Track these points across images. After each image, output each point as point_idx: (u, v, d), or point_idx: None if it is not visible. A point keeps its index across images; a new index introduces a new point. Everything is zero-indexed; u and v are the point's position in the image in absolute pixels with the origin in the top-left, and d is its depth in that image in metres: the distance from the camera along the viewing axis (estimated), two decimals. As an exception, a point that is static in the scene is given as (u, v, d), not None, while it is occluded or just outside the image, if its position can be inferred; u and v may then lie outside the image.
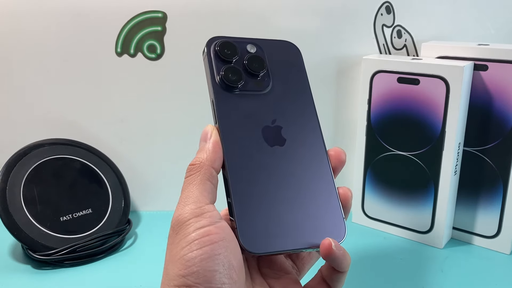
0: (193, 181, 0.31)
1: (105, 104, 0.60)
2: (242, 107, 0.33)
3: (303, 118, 0.35)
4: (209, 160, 0.31)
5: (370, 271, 0.50)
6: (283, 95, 0.35)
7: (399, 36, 0.58)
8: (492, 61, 0.50)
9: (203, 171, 0.31)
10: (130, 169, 0.62)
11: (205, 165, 0.31)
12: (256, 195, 0.31)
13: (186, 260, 0.27)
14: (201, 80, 0.59)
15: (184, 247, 0.28)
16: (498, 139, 0.51)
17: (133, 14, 0.57)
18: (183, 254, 0.28)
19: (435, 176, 0.53)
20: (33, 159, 0.54)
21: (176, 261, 0.28)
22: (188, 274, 0.27)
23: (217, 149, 0.31)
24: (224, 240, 0.28)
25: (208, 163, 0.31)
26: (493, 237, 0.54)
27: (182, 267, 0.27)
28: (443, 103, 0.50)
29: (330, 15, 0.57)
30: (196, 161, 0.31)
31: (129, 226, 0.57)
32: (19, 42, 0.58)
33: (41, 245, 0.51)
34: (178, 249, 0.28)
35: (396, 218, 0.57)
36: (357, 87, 0.59)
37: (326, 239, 0.30)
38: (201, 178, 0.30)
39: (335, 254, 0.30)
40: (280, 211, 0.31)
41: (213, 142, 0.31)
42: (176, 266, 0.28)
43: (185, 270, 0.27)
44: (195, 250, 0.27)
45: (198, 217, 0.29)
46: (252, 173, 0.32)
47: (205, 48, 0.34)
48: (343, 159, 0.35)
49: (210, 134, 0.32)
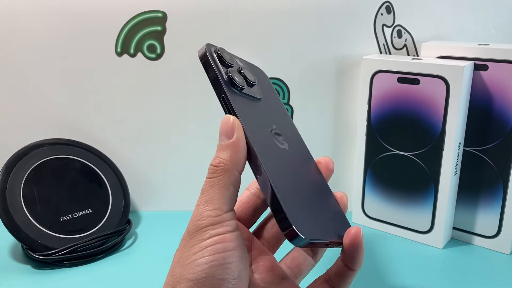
0: (215, 184, 0.29)
1: (105, 104, 0.60)
2: (249, 107, 0.33)
3: (290, 128, 0.37)
4: (234, 162, 0.29)
5: (370, 271, 0.50)
6: (272, 107, 0.36)
7: (399, 36, 0.58)
8: (492, 61, 0.50)
9: (227, 175, 0.29)
10: (130, 169, 0.62)
11: (230, 168, 0.29)
12: (292, 188, 0.31)
13: (196, 265, 0.27)
14: (201, 80, 0.59)
15: (196, 252, 0.28)
16: (498, 139, 0.51)
17: (133, 14, 0.57)
18: (194, 259, 0.27)
19: (435, 176, 0.53)
20: (33, 159, 0.54)
21: (186, 265, 0.28)
22: (195, 279, 0.27)
23: (242, 148, 0.29)
24: (237, 249, 0.28)
25: (233, 165, 0.29)
26: (493, 237, 0.54)
27: (191, 271, 0.27)
28: (443, 103, 0.50)
29: (330, 15, 0.57)
30: (221, 162, 0.29)
31: (129, 226, 0.57)
32: (19, 42, 0.58)
33: (41, 245, 0.51)
34: (190, 253, 0.28)
35: (396, 218, 0.57)
36: (357, 87, 0.59)
37: (355, 227, 0.30)
38: (225, 182, 0.29)
39: (361, 243, 0.30)
40: (314, 204, 0.32)
41: (238, 139, 0.29)
42: (185, 269, 0.27)
43: (193, 274, 0.27)
44: (207, 256, 0.27)
45: (215, 225, 0.28)
46: (281, 167, 0.31)
47: (205, 50, 0.34)
48: (332, 168, 0.36)
49: (233, 128, 0.29)
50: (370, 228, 0.60)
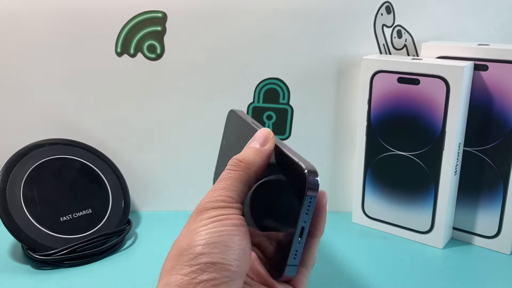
0: (235, 176, 0.31)
1: (105, 104, 0.60)
2: None
3: None
4: (257, 165, 0.32)
5: (370, 271, 0.50)
6: None
7: (399, 36, 0.58)
8: (492, 61, 0.50)
9: (247, 172, 0.32)
10: (130, 169, 0.62)
11: (251, 167, 0.32)
12: None
13: (206, 233, 0.29)
14: (201, 80, 0.59)
15: (206, 224, 0.29)
16: (498, 139, 0.51)
17: (133, 14, 0.57)
18: (204, 228, 0.29)
19: (435, 176, 0.53)
20: (33, 159, 0.54)
21: (195, 234, 0.29)
22: (205, 243, 0.28)
23: (267, 158, 0.32)
24: (244, 227, 0.30)
25: (255, 168, 0.32)
26: (493, 237, 0.54)
27: (200, 238, 0.28)
28: (443, 103, 0.50)
29: (330, 15, 0.57)
30: (245, 160, 0.32)
31: (129, 226, 0.57)
32: (19, 42, 0.58)
33: (41, 245, 0.51)
34: (199, 225, 0.29)
35: (396, 218, 0.57)
36: (357, 87, 0.59)
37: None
38: (243, 177, 0.31)
39: (324, 207, 0.32)
40: None
41: (269, 150, 0.33)
42: (193, 238, 0.29)
43: (202, 240, 0.28)
44: (217, 227, 0.29)
45: (226, 208, 0.30)
46: None
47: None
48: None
49: (268, 139, 0.33)
50: (370, 228, 0.60)
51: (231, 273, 0.28)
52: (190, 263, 0.28)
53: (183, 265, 0.28)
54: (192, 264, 0.28)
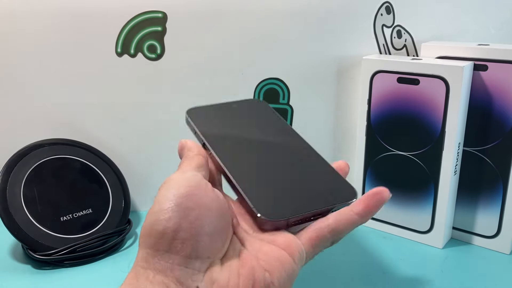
0: (180, 165, 0.36)
1: (105, 104, 0.60)
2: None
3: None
4: (194, 151, 0.37)
5: (370, 271, 0.50)
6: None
7: (399, 36, 0.58)
8: (492, 61, 0.50)
9: (189, 157, 0.36)
10: (130, 169, 0.62)
11: (191, 155, 0.37)
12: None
13: (163, 201, 0.30)
14: (201, 80, 0.59)
15: (162, 192, 0.31)
16: (498, 139, 0.51)
17: (133, 14, 0.57)
18: (160, 197, 0.31)
19: (435, 176, 0.53)
20: (33, 159, 0.54)
21: (154, 205, 0.31)
22: (160, 210, 0.30)
23: (197, 145, 0.38)
24: (201, 186, 0.32)
25: (192, 154, 0.37)
26: (493, 237, 0.54)
27: (157, 206, 0.30)
28: (443, 103, 0.50)
29: (330, 15, 0.57)
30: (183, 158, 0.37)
31: (129, 226, 0.57)
32: (19, 42, 0.58)
33: (41, 245, 0.51)
34: (158, 195, 0.31)
35: (396, 218, 0.57)
36: (357, 87, 0.59)
37: (382, 188, 0.34)
38: (188, 161, 0.36)
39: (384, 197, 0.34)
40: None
41: (191, 142, 0.38)
42: (152, 208, 0.30)
43: (158, 206, 0.30)
44: (171, 190, 0.31)
45: (180, 173, 0.33)
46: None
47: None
48: (347, 171, 0.39)
49: (183, 147, 0.39)
50: (370, 228, 0.60)
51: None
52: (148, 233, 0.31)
53: (142, 242, 0.31)
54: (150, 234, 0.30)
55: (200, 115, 0.44)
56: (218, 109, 0.45)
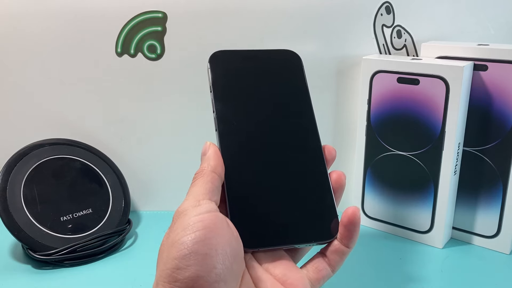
0: (195, 183, 0.33)
1: (105, 104, 0.60)
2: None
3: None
4: (211, 167, 0.34)
5: (370, 271, 0.50)
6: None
7: (399, 36, 0.58)
8: (492, 61, 0.50)
9: (205, 175, 0.33)
10: (130, 169, 0.62)
11: (207, 172, 0.34)
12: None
13: (180, 244, 0.29)
14: (201, 80, 0.59)
15: (179, 233, 0.29)
16: (498, 139, 0.51)
17: (133, 14, 0.57)
18: (177, 239, 0.29)
19: (435, 176, 0.53)
20: (33, 159, 0.54)
21: (172, 246, 0.29)
22: (180, 257, 0.29)
23: (215, 157, 0.35)
24: (217, 226, 0.30)
25: (210, 168, 0.34)
26: (493, 237, 0.54)
27: (175, 250, 0.29)
28: (443, 103, 0.50)
29: (330, 15, 0.57)
30: (199, 170, 0.34)
31: (129, 226, 0.57)
32: (19, 42, 0.58)
33: (41, 245, 0.51)
34: (174, 234, 0.30)
35: (396, 218, 0.57)
36: (357, 87, 0.59)
37: (352, 207, 0.34)
38: (203, 180, 0.33)
39: (357, 223, 0.34)
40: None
41: (212, 153, 0.35)
42: (171, 251, 0.29)
43: (177, 253, 0.29)
44: (188, 234, 0.29)
45: (194, 208, 0.31)
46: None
47: None
48: (334, 155, 0.40)
49: (207, 148, 0.36)
50: (370, 228, 0.60)
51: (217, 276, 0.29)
52: (169, 279, 0.29)
53: (163, 281, 0.29)
54: (171, 281, 0.29)
55: (220, 63, 0.43)
56: (243, 58, 0.42)
